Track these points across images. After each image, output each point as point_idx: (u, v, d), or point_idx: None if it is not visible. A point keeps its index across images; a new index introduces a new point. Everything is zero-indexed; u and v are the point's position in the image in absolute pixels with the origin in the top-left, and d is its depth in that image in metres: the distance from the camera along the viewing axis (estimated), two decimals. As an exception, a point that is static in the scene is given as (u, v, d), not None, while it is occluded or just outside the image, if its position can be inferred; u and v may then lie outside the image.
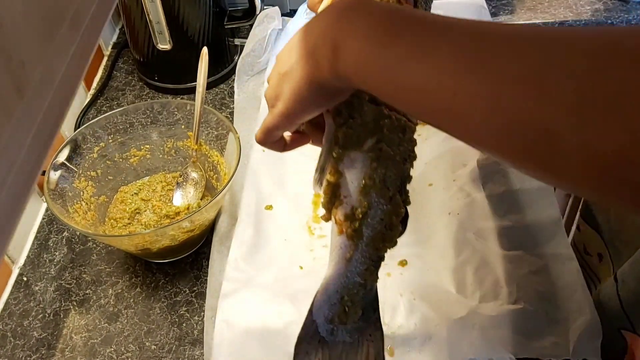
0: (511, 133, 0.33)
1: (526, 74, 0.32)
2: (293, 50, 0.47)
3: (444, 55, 0.36)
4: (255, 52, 1.03)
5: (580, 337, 0.64)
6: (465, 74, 0.35)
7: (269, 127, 0.52)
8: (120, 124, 0.85)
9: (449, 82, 0.36)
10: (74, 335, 0.73)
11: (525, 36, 0.35)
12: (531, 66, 0.32)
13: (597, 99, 0.29)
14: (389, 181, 0.50)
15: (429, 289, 0.71)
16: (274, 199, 0.83)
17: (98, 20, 0.26)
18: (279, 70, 0.49)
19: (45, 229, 0.86)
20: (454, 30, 0.37)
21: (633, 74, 0.29)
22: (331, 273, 0.52)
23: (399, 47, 0.38)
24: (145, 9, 0.95)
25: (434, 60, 0.37)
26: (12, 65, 0.19)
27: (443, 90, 0.36)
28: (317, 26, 0.45)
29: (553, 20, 1.17)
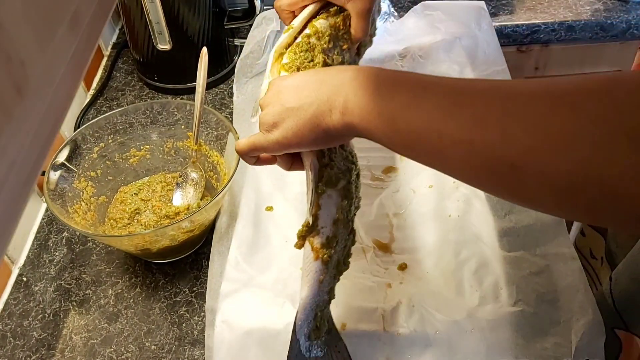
0: (486, 169, 0.43)
1: (492, 121, 0.42)
2: (305, 91, 0.53)
3: (432, 106, 0.45)
4: (254, 54, 1.03)
5: (582, 337, 0.64)
6: (447, 121, 0.44)
7: (256, 146, 0.57)
8: (120, 124, 0.85)
9: (436, 126, 0.45)
10: (73, 336, 0.73)
11: (491, 91, 0.44)
12: (495, 115, 0.42)
13: (545, 138, 0.38)
14: (350, 215, 0.60)
15: (428, 293, 0.70)
16: (274, 199, 0.83)
17: (98, 20, 0.26)
18: (283, 103, 0.54)
19: (45, 229, 0.86)
20: (440, 86, 0.47)
21: (572, 117, 0.38)
22: (307, 294, 0.59)
23: (398, 100, 0.47)
24: (145, 9, 0.95)
25: (425, 110, 0.46)
26: (11, 65, 0.19)
27: (431, 133, 0.45)
28: (334, 79, 0.53)
29: (553, 20, 1.17)
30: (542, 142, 0.38)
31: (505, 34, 1.18)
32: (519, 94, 0.42)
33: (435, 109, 0.45)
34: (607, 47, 1.23)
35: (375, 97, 0.49)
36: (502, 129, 0.41)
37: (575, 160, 0.37)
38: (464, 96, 0.45)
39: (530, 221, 0.76)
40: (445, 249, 0.75)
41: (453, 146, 0.44)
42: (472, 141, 0.42)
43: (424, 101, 0.46)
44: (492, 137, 0.41)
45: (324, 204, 0.58)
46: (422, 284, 0.71)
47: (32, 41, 0.21)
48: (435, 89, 0.47)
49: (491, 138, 0.41)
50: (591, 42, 1.21)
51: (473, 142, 0.42)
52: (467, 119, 0.43)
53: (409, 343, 0.66)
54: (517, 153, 0.40)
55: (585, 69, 1.28)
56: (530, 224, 0.76)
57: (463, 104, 0.44)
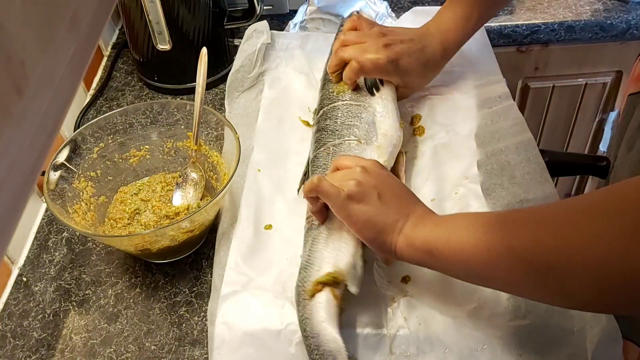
0: (530, 273, 0.52)
1: (525, 230, 0.53)
2: (397, 200, 0.66)
3: (477, 231, 0.56)
4: (244, 68, 1.01)
5: (598, 345, 0.63)
6: (493, 237, 0.54)
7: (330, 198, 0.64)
8: (119, 124, 0.85)
9: (484, 244, 0.55)
10: (73, 336, 0.73)
11: (518, 212, 0.60)
12: (526, 225, 0.54)
13: (568, 252, 0.49)
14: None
15: (433, 309, 0.68)
16: (274, 200, 0.83)
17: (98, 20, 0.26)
18: (379, 187, 0.65)
19: (45, 229, 0.86)
20: (482, 217, 0.60)
21: (590, 222, 0.48)
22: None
23: (444, 228, 0.60)
24: (145, 9, 0.95)
25: (470, 233, 0.57)
26: (11, 65, 0.19)
27: (480, 249, 0.55)
28: (414, 210, 0.65)
29: (553, 21, 1.17)
30: (569, 243, 0.48)
31: (505, 34, 1.18)
32: (542, 208, 0.57)
33: (483, 231, 0.56)
34: (607, 47, 1.23)
35: (442, 229, 0.60)
36: (534, 235, 0.51)
37: (597, 257, 0.46)
38: (503, 217, 0.58)
39: None
40: None
41: (499, 257, 0.53)
42: (513, 248, 0.52)
43: (473, 227, 0.58)
44: (527, 242, 0.52)
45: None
46: (426, 301, 0.69)
47: (32, 41, 0.21)
48: (480, 218, 0.59)
49: (527, 243, 0.52)
50: (591, 42, 1.21)
51: (514, 249, 0.52)
52: (507, 232, 0.54)
53: (409, 343, 0.66)
54: (548, 254, 0.49)
55: (585, 69, 1.28)
56: None
57: (503, 222, 0.56)
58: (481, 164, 0.83)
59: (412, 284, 0.72)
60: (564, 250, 0.48)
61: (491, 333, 0.65)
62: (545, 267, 0.49)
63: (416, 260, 0.63)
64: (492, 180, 0.81)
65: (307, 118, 0.96)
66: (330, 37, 1.09)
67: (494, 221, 0.56)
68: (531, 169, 0.82)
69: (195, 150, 0.85)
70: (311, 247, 0.69)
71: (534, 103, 1.34)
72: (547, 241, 0.50)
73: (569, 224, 0.49)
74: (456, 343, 0.65)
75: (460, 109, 0.93)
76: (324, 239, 0.69)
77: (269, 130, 0.93)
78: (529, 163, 0.83)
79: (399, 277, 0.73)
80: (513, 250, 0.52)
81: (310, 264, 0.67)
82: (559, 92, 1.32)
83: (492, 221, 0.57)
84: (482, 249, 0.55)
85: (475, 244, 0.55)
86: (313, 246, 0.69)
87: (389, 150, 0.80)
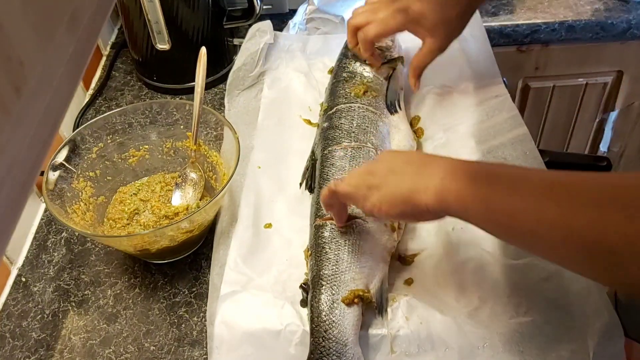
0: (583, 253, 0.47)
1: (591, 208, 0.46)
2: (410, 166, 0.60)
3: (528, 193, 0.51)
4: (246, 66, 1.01)
5: (600, 341, 0.62)
6: (544, 206, 0.49)
7: (351, 196, 0.64)
8: (118, 124, 0.85)
9: (532, 211, 0.50)
10: (72, 336, 0.73)
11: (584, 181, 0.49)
12: (594, 202, 0.46)
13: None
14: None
15: (434, 309, 0.68)
16: (274, 198, 0.83)
17: (97, 20, 0.26)
18: (389, 165, 0.62)
19: (44, 229, 0.86)
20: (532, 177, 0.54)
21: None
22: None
23: (494, 188, 0.53)
24: (144, 9, 0.95)
25: (521, 196, 0.51)
26: (10, 65, 0.19)
27: (528, 216, 0.50)
28: (434, 165, 0.59)
29: (553, 20, 1.17)
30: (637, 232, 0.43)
31: (506, 34, 1.18)
32: (613, 185, 0.48)
33: (532, 196, 0.51)
34: (608, 47, 1.23)
35: (472, 184, 0.54)
36: (601, 215, 0.45)
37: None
38: (558, 185, 0.51)
39: None
40: (449, 263, 0.73)
41: (550, 230, 0.49)
42: (570, 226, 0.47)
43: (520, 189, 0.52)
44: (590, 222, 0.46)
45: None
46: (428, 301, 0.69)
47: (31, 41, 0.20)
48: (529, 179, 0.53)
49: (589, 223, 0.46)
50: (591, 42, 1.21)
51: (571, 227, 0.47)
52: (565, 205, 0.48)
53: (410, 342, 0.66)
54: (616, 239, 0.44)
55: (585, 69, 1.28)
56: None
57: (559, 192, 0.50)
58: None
59: (415, 285, 0.72)
60: (635, 236, 0.43)
61: (492, 330, 0.65)
62: (609, 252, 0.45)
63: (452, 215, 0.58)
64: None
65: (307, 117, 0.96)
66: (331, 38, 1.09)
67: (545, 188, 0.51)
68: (528, 164, 0.82)
69: (194, 150, 0.85)
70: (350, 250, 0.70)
71: (534, 103, 1.34)
72: (615, 226, 0.44)
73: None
74: (457, 341, 0.65)
75: (458, 109, 0.93)
76: (357, 249, 0.71)
77: (270, 128, 0.94)
78: (526, 158, 0.83)
79: (402, 280, 0.73)
80: (571, 229, 0.47)
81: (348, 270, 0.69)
82: (559, 92, 1.32)
83: (542, 187, 0.51)
84: (531, 219, 0.50)
85: (524, 211, 0.51)
86: (349, 252, 0.70)
87: None
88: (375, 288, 0.68)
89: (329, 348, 0.63)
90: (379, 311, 0.67)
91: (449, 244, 0.75)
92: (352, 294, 0.66)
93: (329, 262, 0.69)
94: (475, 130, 0.88)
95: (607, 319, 0.64)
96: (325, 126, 0.85)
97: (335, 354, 0.63)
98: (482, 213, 0.54)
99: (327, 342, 0.63)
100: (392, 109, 0.88)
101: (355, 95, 0.87)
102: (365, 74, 0.91)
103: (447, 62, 1.02)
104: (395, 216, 0.64)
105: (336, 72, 0.94)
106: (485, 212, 0.54)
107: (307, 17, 1.12)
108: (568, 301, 0.67)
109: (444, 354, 0.65)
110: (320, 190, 0.77)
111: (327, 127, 0.85)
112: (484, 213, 0.54)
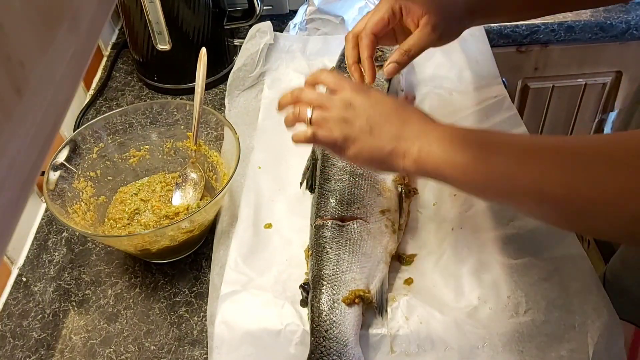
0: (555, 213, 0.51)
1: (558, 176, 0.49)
2: (389, 124, 0.60)
3: (503, 158, 0.53)
4: (246, 67, 1.02)
5: (599, 340, 0.63)
6: (518, 171, 0.51)
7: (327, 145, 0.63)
8: (119, 124, 0.85)
9: (507, 175, 0.52)
10: (73, 336, 0.73)
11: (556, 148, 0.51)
12: (562, 170, 0.49)
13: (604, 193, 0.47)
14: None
15: (434, 309, 0.68)
16: (274, 198, 0.83)
17: (98, 20, 0.26)
18: (367, 117, 0.60)
19: (45, 229, 0.86)
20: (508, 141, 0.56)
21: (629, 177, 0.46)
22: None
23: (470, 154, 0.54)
24: (145, 9, 0.95)
25: (495, 161, 0.53)
26: (11, 65, 0.19)
27: (503, 181, 0.53)
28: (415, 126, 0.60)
29: (553, 21, 1.17)
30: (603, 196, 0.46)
31: (505, 34, 1.18)
32: (582, 153, 0.50)
33: (506, 160, 0.53)
34: (607, 48, 1.23)
35: (448, 150, 0.56)
36: (567, 183, 0.48)
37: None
38: (531, 151, 0.52)
39: (534, 225, 0.74)
40: (450, 263, 0.73)
41: (524, 194, 0.52)
42: (541, 190, 0.50)
43: (495, 154, 0.54)
44: (559, 189, 0.49)
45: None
46: (428, 301, 0.69)
47: (31, 41, 0.21)
48: (504, 144, 0.55)
49: (559, 190, 0.49)
50: (591, 43, 1.21)
51: (542, 192, 0.50)
52: (536, 172, 0.50)
53: (409, 342, 0.66)
54: (581, 203, 0.48)
55: (584, 69, 1.28)
56: (534, 228, 0.74)
57: (532, 157, 0.51)
58: None
59: (415, 285, 0.72)
60: (599, 199, 0.47)
61: (492, 330, 0.65)
62: (577, 213, 0.49)
63: (428, 177, 0.61)
64: None
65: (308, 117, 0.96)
66: (331, 39, 1.09)
67: (517, 155, 0.53)
68: None
69: (194, 150, 0.85)
70: (351, 250, 0.70)
71: (534, 103, 1.34)
72: (582, 190, 0.47)
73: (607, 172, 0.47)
74: (457, 341, 0.65)
75: (458, 110, 0.93)
76: (359, 249, 0.71)
77: (270, 129, 0.94)
78: None
79: (402, 280, 0.73)
80: (542, 193, 0.50)
81: (349, 271, 0.69)
82: (558, 92, 1.32)
83: (515, 154, 0.53)
84: (506, 184, 0.53)
85: (499, 176, 0.53)
86: (351, 251, 0.71)
87: None
88: (375, 288, 0.68)
89: (330, 348, 0.63)
90: (379, 311, 0.67)
91: (448, 244, 0.75)
92: (353, 294, 0.66)
93: (330, 261, 0.69)
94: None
95: (607, 319, 0.64)
96: None
97: (336, 354, 0.63)
98: (459, 179, 0.57)
99: (327, 342, 0.63)
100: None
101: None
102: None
103: (447, 62, 1.02)
104: (370, 169, 0.69)
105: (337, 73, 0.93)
106: (462, 178, 0.56)
107: (307, 17, 1.12)
108: (568, 300, 0.67)
109: (443, 354, 0.65)
110: (320, 191, 0.77)
111: None
112: (461, 179, 0.56)
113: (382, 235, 0.73)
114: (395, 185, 0.78)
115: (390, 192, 0.78)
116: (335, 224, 0.73)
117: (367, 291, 0.67)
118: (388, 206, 0.76)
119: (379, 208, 0.75)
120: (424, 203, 0.82)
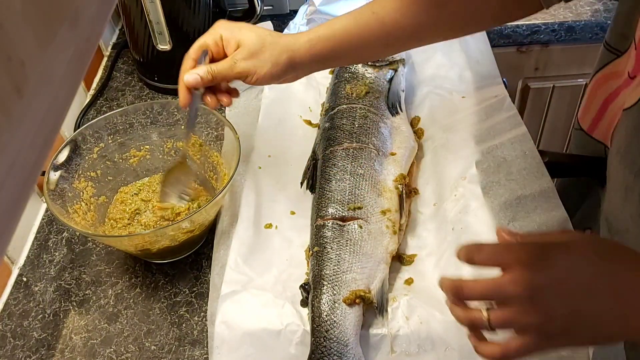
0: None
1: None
2: (597, 296, 0.49)
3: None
4: None
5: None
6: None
7: (527, 351, 0.51)
8: (120, 124, 0.85)
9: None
10: (73, 336, 0.73)
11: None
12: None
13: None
14: None
15: (434, 309, 0.68)
16: (275, 198, 0.83)
17: (98, 20, 0.26)
18: (569, 300, 0.49)
19: (45, 229, 0.86)
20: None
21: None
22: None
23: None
24: (145, 10, 0.95)
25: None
26: (11, 65, 0.19)
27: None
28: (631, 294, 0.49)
29: (553, 21, 1.17)
30: None
31: (505, 34, 1.18)
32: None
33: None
34: (607, 48, 1.23)
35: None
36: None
37: None
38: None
39: (534, 226, 0.74)
40: (449, 264, 0.73)
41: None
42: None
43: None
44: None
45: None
46: (429, 302, 0.69)
47: (32, 41, 0.21)
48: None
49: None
50: (591, 43, 1.21)
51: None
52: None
53: (410, 342, 0.66)
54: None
55: (585, 69, 1.28)
56: (535, 229, 0.74)
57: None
58: (478, 163, 0.83)
59: (415, 285, 0.72)
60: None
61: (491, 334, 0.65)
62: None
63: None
64: (489, 178, 0.81)
65: (308, 117, 0.96)
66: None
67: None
68: (527, 164, 0.82)
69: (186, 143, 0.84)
70: (352, 250, 0.71)
71: (534, 103, 1.34)
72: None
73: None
74: (457, 341, 0.65)
75: (458, 110, 0.93)
76: (362, 251, 0.71)
77: (270, 129, 0.94)
78: (525, 158, 0.83)
79: (402, 280, 0.73)
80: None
81: (349, 271, 0.69)
82: (559, 92, 1.32)
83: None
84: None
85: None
86: (354, 251, 0.71)
87: (403, 163, 0.82)
88: (376, 288, 0.68)
89: (330, 348, 0.63)
90: (380, 311, 0.67)
91: (449, 244, 0.75)
92: (354, 294, 0.66)
93: (331, 262, 0.69)
94: (475, 130, 0.88)
95: None
96: (326, 126, 0.86)
97: (337, 354, 0.63)
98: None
99: (328, 342, 0.63)
100: (394, 111, 0.88)
101: (357, 96, 0.88)
102: (367, 75, 0.91)
103: (447, 62, 1.02)
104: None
105: (338, 73, 0.94)
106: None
107: (307, 17, 1.12)
108: None
109: (444, 354, 0.65)
110: (320, 191, 0.77)
111: (329, 127, 0.85)
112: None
113: (382, 235, 0.73)
114: (396, 186, 0.78)
115: (391, 193, 0.78)
116: (336, 224, 0.73)
117: (367, 291, 0.67)
118: (389, 206, 0.76)
119: (380, 208, 0.75)
120: (425, 203, 0.82)
